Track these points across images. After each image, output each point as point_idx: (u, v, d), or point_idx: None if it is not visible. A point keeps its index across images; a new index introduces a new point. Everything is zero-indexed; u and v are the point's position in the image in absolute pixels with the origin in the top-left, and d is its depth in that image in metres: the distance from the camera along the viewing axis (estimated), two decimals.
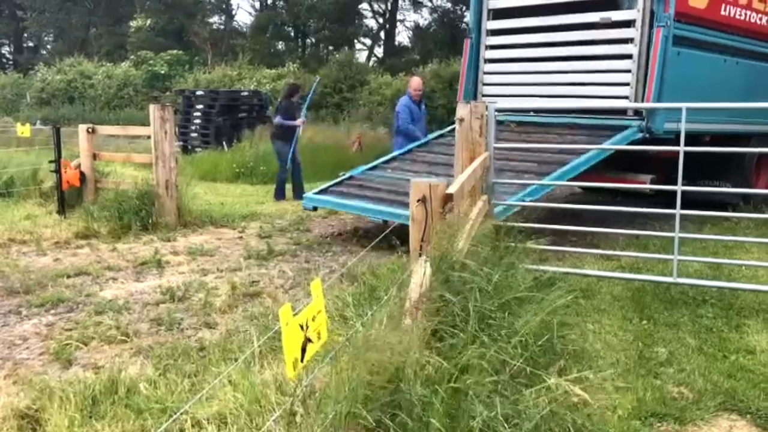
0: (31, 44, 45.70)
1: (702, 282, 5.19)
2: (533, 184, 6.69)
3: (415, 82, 9.56)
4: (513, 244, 5.03)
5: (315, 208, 7.76)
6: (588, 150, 6.79)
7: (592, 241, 6.48)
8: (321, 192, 7.79)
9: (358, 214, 7.30)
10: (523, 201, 5.93)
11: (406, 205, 4.59)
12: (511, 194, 6.28)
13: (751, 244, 6.42)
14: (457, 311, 3.11)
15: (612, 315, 4.66)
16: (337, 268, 6.05)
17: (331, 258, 6.55)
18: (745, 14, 8.21)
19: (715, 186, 8.15)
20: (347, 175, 8.11)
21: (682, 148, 4.98)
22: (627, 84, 7.48)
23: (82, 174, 8.17)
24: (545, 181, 6.52)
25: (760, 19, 8.45)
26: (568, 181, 6.62)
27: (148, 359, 3.87)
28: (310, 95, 11.53)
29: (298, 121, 10.64)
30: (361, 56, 34.99)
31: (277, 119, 10.65)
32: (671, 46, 7.18)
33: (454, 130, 5.79)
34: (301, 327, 1.80)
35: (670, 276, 5.17)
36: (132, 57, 31.51)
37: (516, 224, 5.69)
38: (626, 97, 7.46)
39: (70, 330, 4.40)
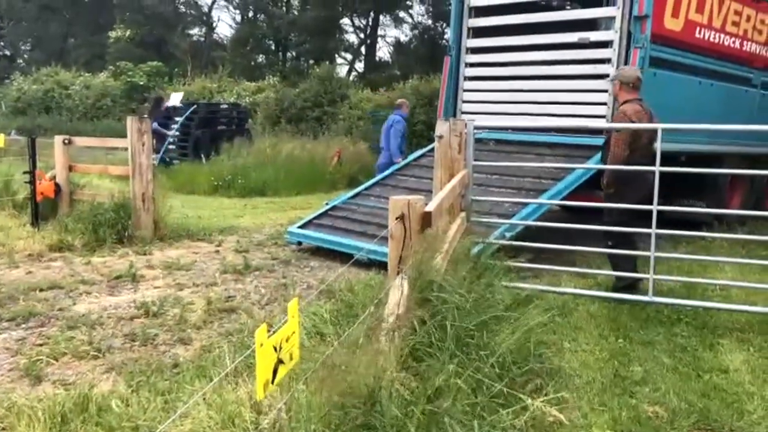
0: (7, 53, 45.20)
1: (677, 301, 5.24)
2: (511, 201, 6.76)
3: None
4: (491, 262, 5.05)
5: (300, 243, 7.56)
6: (567, 174, 6.87)
7: (569, 258, 6.52)
8: (305, 225, 7.71)
9: (347, 252, 6.69)
10: (504, 237, 5.96)
11: None
12: (490, 215, 6.33)
13: (725, 263, 6.50)
14: (434, 331, 3.10)
15: (588, 333, 4.68)
16: (315, 284, 6.01)
17: (308, 273, 6.52)
18: (719, 37, 8.38)
19: (690, 205, 8.26)
20: (330, 205, 8.08)
21: (657, 168, 5.04)
22: (604, 104, 7.58)
23: (57, 185, 8.05)
24: (525, 205, 6.57)
25: (733, 42, 8.63)
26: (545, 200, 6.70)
27: (120, 376, 3.80)
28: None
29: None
30: (342, 71, 35.10)
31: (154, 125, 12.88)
32: (647, 67, 7.29)
33: (434, 149, 5.80)
34: (275, 348, 1.78)
35: (645, 295, 5.21)
36: (110, 67, 31.28)
37: (494, 241, 5.74)
38: (603, 117, 7.56)
39: (41, 345, 4.32)
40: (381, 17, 37.90)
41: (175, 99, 18.31)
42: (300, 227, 7.69)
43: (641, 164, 5.35)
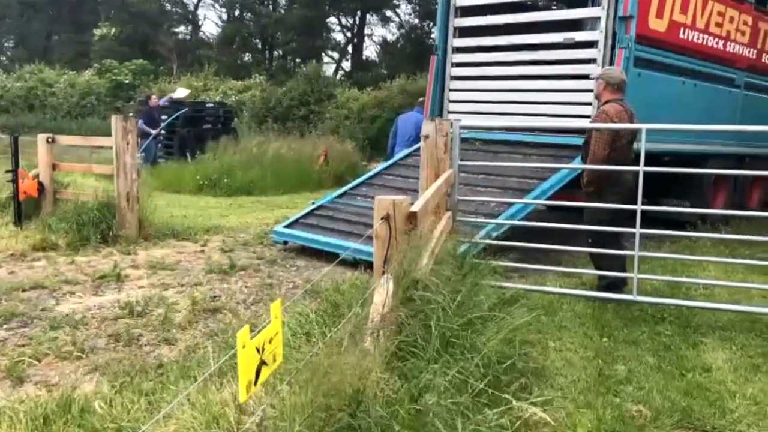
0: None
1: (661, 300, 5.28)
2: (497, 201, 6.78)
3: None
4: (477, 262, 5.06)
5: (286, 242, 7.53)
6: (552, 173, 6.90)
7: (555, 258, 6.55)
8: (291, 224, 7.68)
9: (333, 251, 6.65)
10: (490, 236, 5.98)
11: None
12: (476, 214, 6.36)
13: (709, 262, 6.56)
14: (419, 330, 3.11)
15: (573, 332, 4.70)
16: (301, 283, 6.00)
17: (294, 273, 6.50)
18: (703, 38, 8.44)
19: (675, 204, 8.33)
20: (316, 204, 8.06)
21: (641, 168, 5.07)
22: (589, 104, 7.61)
23: (40, 184, 7.97)
24: (511, 205, 6.58)
25: (717, 43, 8.70)
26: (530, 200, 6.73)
27: (104, 376, 3.77)
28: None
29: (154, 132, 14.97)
30: (329, 70, 35.07)
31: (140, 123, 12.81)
32: (632, 68, 7.34)
33: (420, 149, 5.81)
34: (258, 350, 1.77)
35: (630, 294, 5.25)
36: (95, 65, 31.05)
37: (480, 241, 5.75)
38: (588, 117, 7.59)
39: (24, 346, 4.28)
40: (368, 16, 37.92)
41: (181, 93, 18.31)
42: (286, 226, 7.67)
43: (618, 164, 5.39)
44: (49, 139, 8.15)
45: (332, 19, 37.59)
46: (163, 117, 16.17)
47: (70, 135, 15.26)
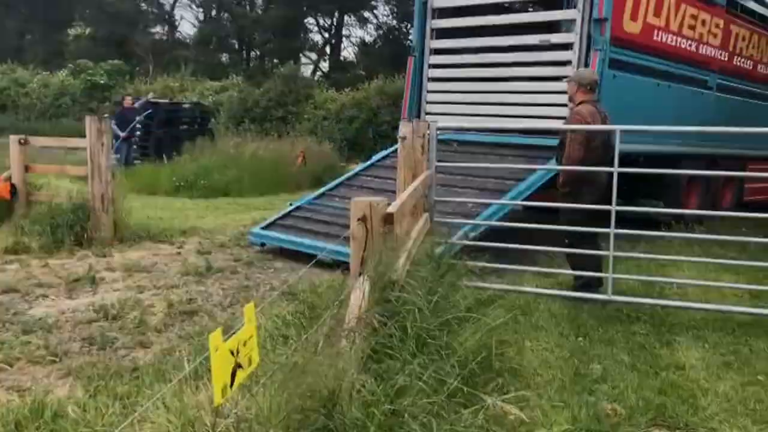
0: None
1: (635, 300, 5.33)
2: (474, 202, 6.81)
3: None
4: (454, 262, 5.07)
5: (263, 244, 7.49)
6: (529, 174, 6.95)
7: (532, 258, 6.59)
8: (269, 226, 7.65)
9: (310, 252, 6.46)
10: (467, 236, 6.01)
11: None
12: (453, 215, 6.38)
13: (683, 262, 6.63)
14: (395, 331, 3.11)
15: (549, 332, 4.73)
16: (278, 285, 5.97)
17: (272, 274, 6.47)
18: (676, 40, 8.56)
19: (650, 205, 8.43)
20: (294, 205, 8.03)
21: (616, 169, 5.12)
22: (565, 105, 7.66)
23: (12, 186, 7.86)
24: (488, 205, 6.62)
25: (690, 45, 8.82)
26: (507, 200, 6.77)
27: (77, 381, 3.72)
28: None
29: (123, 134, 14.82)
30: (307, 70, 34.98)
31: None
32: (607, 69, 7.41)
33: (397, 150, 5.82)
34: (232, 353, 1.76)
35: (605, 294, 5.30)
36: (70, 66, 30.66)
37: (457, 242, 5.77)
38: (564, 118, 7.65)
39: None
40: (346, 17, 37.88)
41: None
42: (263, 228, 7.63)
43: (593, 165, 5.44)
44: (22, 140, 8.04)
45: (310, 20, 37.56)
46: (138, 119, 15.99)
47: (44, 136, 15.05)
